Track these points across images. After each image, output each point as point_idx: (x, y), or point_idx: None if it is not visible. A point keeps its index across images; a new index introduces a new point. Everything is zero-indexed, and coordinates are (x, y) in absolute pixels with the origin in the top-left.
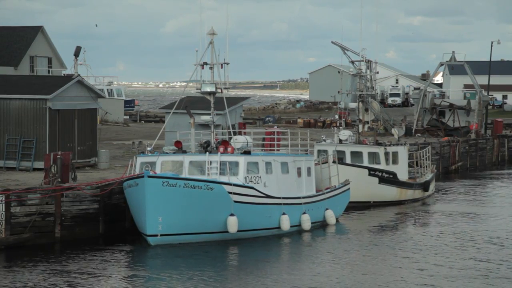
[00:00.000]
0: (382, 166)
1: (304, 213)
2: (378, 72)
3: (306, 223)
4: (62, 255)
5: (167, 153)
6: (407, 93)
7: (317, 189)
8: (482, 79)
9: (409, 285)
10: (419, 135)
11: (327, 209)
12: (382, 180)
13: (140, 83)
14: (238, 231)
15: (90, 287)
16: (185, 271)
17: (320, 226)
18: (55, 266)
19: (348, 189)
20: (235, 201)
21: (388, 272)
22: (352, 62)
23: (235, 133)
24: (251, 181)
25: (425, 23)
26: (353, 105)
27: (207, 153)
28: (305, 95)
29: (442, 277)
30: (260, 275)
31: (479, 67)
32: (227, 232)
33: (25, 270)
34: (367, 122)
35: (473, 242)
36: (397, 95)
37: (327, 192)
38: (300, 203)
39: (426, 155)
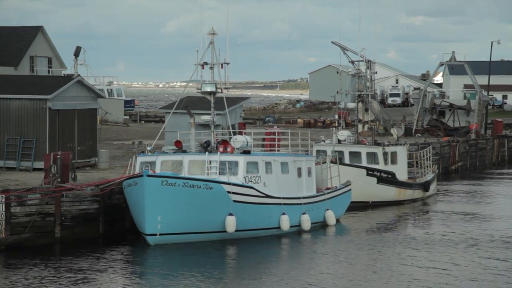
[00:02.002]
0: (381, 166)
1: (304, 213)
2: (376, 72)
3: (306, 223)
4: (62, 255)
5: (167, 152)
6: (407, 93)
7: (318, 189)
8: (482, 79)
9: (417, 283)
10: (419, 135)
11: (327, 209)
12: (380, 180)
13: (140, 83)
14: (237, 230)
15: (90, 287)
16: (185, 271)
17: (320, 226)
18: (55, 266)
19: (350, 190)
20: (234, 201)
21: (394, 272)
22: (352, 62)
23: (235, 133)
24: (251, 181)
25: (426, 23)
26: (352, 105)
27: (207, 152)
28: (305, 95)
29: (449, 276)
30: (260, 275)
31: (479, 67)
32: (226, 231)
33: (25, 270)
34: (367, 122)
35: (478, 241)
36: (397, 95)
37: (328, 193)
38: (300, 203)
39: (426, 155)
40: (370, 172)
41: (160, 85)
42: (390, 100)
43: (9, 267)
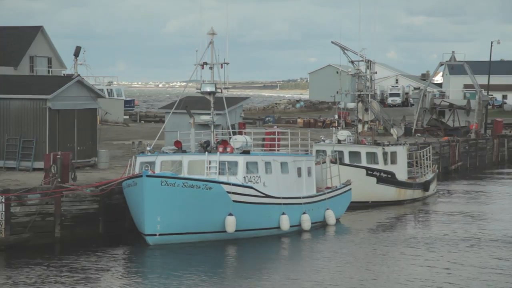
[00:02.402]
0: (380, 166)
1: (304, 213)
2: (376, 72)
3: (306, 223)
4: (62, 255)
5: (166, 153)
6: (407, 93)
7: (318, 189)
8: (482, 79)
9: (419, 283)
10: (419, 135)
11: (327, 209)
12: (380, 180)
13: (140, 83)
14: (237, 231)
15: (89, 287)
16: (184, 271)
17: (321, 226)
18: (54, 266)
19: (350, 189)
20: (234, 201)
21: (396, 271)
22: (352, 62)
23: (234, 133)
24: (250, 181)
25: (426, 23)
26: (351, 105)
27: (206, 153)
28: (305, 95)
29: (451, 275)
30: (260, 275)
31: (479, 67)
32: (225, 231)
33: (25, 270)
34: (367, 122)
35: (478, 241)
36: (397, 95)
37: (328, 192)
38: (300, 203)
39: (427, 155)
40: (369, 172)
41: (160, 85)
42: (390, 100)
43: (9, 267)
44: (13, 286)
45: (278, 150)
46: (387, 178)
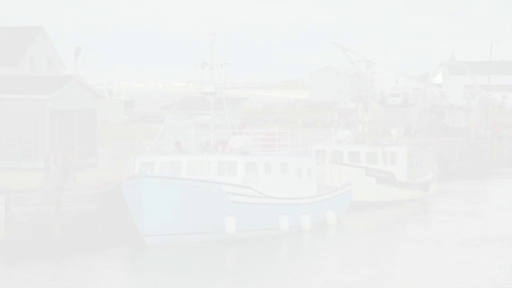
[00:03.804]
0: (380, 166)
1: (304, 213)
2: (376, 73)
3: (306, 223)
4: (62, 255)
5: (166, 153)
6: (407, 93)
7: (319, 189)
8: (482, 79)
9: (422, 282)
10: (419, 135)
11: (328, 209)
12: (379, 180)
13: (140, 83)
14: (236, 231)
15: (89, 287)
16: (183, 271)
17: (321, 226)
18: (54, 266)
19: (350, 190)
20: (233, 201)
21: (399, 271)
22: (352, 62)
23: (234, 133)
24: (250, 181)
25: (426, 23)
26: (351, 105)
27: (206, 153)
28: (305, 95)
29: (452, 275)
30: (259, 276)
31: (479, 67)
32: (225, 232)
33: (24, 271)
34: (367, 122)
35: (478, 241)
36: (397, 95)
37: (328, 193)
38: (300, 204)
39: (427, 155)
40: (369, 172)
41: (160, 85)
42: (390, 100)
43: (8, 268)
44: (13, 286)
45: (278, 151)
46: (386, 178)
